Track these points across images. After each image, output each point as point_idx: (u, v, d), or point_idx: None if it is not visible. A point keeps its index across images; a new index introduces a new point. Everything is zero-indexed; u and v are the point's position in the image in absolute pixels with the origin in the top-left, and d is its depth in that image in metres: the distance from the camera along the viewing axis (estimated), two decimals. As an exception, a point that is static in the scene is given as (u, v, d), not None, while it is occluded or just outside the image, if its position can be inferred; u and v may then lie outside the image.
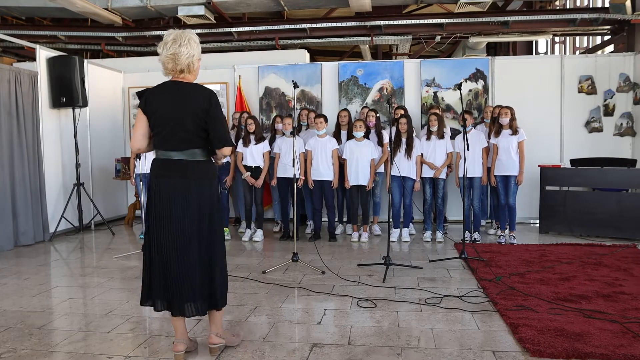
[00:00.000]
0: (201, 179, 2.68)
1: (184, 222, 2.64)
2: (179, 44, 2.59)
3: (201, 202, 2.67)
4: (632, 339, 2.86)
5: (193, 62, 2.65)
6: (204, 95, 2.64)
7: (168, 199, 2.64)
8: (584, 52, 9.93)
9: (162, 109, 2.64)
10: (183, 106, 2.61)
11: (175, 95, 2.64)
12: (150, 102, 2.68)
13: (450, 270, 4.60)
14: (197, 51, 2.66)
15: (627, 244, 5.49)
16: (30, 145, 6.22)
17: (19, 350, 2.91)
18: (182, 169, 2.64)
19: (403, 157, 5.84)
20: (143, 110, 2.70)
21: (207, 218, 2.69)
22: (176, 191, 2.64)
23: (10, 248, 5.83)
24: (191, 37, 2.65)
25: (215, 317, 2.81)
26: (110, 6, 7.66)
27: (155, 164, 2.70)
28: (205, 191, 2.69)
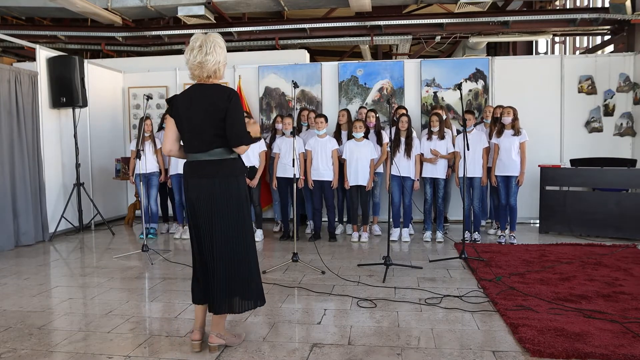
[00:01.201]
0: (227, 177, 2.74)
1: (212, 221, 2.73)
2: (205, 52, 2.65)
3: (228, 201, 2.74)
4: (632, 339, 2.86)
5: (219, 67, 2.73)
6: (224, 94, 2.70)
7: (197, 200, 2.74)
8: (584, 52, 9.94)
9: (186, 112, 2.73)
10: (205, 108, 2.69)
11: (198, 98, 2.71)
12: (176, 107, 2.77)
13: (450, 270, 4.60)
14: (222, 57, 2.73)
15: (627, 244, 5.49)
16: (30, 145, 6.22)
17: (19, 350, 2.91)
18: (207, 169, 2.73)
19: (402, 156, 5.84)
20: (171, 115, 2.80)
21: (234, 216, 2.76)
22: (204, 192, 2.72)
23: (10, 248, 5.83)
24: (217, 42, 2.71)
25: (218, 318, 2.85)
26: (110, 6, 7.66)
27: (185, 166, 2.82)
28: (232, 189, 2.76)
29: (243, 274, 2.81)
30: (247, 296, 2.83)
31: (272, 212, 7.13)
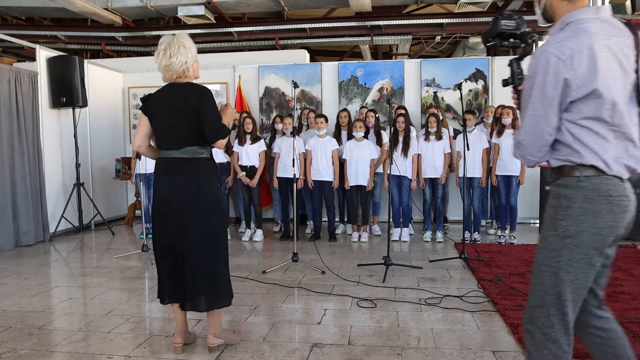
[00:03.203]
0: (200, 176, 2.75)
1: (182, 219, 2.71)
2: (169, 55, 2.68)
3: (199, 199, 2.73)
4: (632, 339, 2.85)
5: (187, 67, 2.74)
6: (196, 93, 2.71)
7: (167, 197, 2.74)
8: (584, 52, 9.92)
9: (159, 110, 2.75)
10: (178, 106, 2.71)
11: (171, 97, 2.74)
12: (149, 105, 2.79)
13: (450, 270, 4.60)
14: (189, 56, 2.72)
15: (627, 244, 5.49)
16: (30, 145, 6.22)
17: (19, 350, 2.91)
18: (180, 166, 2.73)
19: (399, 156, 5.84)
20: (144, 112, 2.81)
21: (205, 215, 2.74)
22: (175, 188, 2.72)
23: (10, 248, 5.83)
24: (181, 43, 2.70)
25: (213, 318, 2.85)
26: (110, 6, 7.66)
27: (157, 163, 2.82)
28: (204, 188, 2.75)
29: (212, 273, 2.78)
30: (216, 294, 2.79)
31: (272, 212, 7.13)
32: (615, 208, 1.62)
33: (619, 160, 1.62)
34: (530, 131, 1.67)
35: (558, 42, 1.62)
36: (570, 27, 1.65)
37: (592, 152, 1.61)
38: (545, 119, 1.64)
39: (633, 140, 1.64)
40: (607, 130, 1.61)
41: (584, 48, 1.58)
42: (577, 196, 1.63)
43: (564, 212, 1.64)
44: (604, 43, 1.60)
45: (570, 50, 1.59)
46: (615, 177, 1.62)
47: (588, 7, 1.67)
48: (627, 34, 1.66)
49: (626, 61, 1.63)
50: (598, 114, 1.60)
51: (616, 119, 1.60)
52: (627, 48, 1.64)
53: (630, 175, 1.66)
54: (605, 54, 1.59)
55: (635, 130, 1.66)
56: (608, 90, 1.58)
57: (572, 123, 1.63)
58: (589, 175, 1.62)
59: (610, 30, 1.64)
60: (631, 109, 1.66)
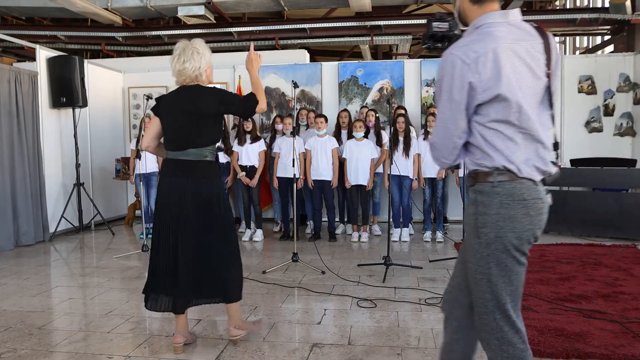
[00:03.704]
0: (205, 178, 2.79)
1: (187, 218, 2.74)
2: (183, 61, 2.78)
3: (200, 201, 2.76)
4: (632, 339, 2.86)
5: (200, 73, 2.82)
6: (211, 96, 2.78)
7: (169, 197, 2.77)
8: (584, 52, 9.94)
9: (170, 112, 2.81)
10: (189, 109, 2.76)
11: (180, 99, 2.80)
12: (161, 106, 2.86)
13: (451, 270, 4.58)
14: (203, 62, 2.81)
15: (627, 244, 5.49)
16: (30, 145, 6.21)
17: (19, 350, 2.91)
18: (187, 167, 2.77)
19: (400, 156, 5.84)
20: (155, 114, 2.87)
21: (211, 215, 2.78)
22: (177, 190, 2.75)
23: (10, 248, 5.83)
24: (195, 49, 2.79)
25: (231, 310, 2.90)
26: (110, 6, 7.66)
27: (164, 163, 2.87)
28: (206, 190, 2.78)
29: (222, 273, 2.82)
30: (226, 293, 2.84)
31: (272, 212, 7.13)
32: (531, 211, 1.64)
33: (529, 162, 1.63)
34: (440, 134, 1.70)
35: (464, 46, 1.63)
36: (478, 30, 1.67)
37: (501, 155, 1.63)
38: (453, 122, 1.66)
39: (542, 142, 1.65)
40: (516, 133, 1.62)
41: (489, 52, 1.59)
42: (493, 202, 1.64)
43: (483, 219, 1.66)
44: (510, 47, 1.61)
45: (475, 53, 1.59)
46: (528, 179, 1.64)
47: (497, 12, 1.68)
48: (537, 37, 1.67)
49: (535, 65, 1.65)
50: (505, 117, 1.61)
51: (523, 122, 1.62)
52: (537, 52, 1.65)
53: (542, 177, 1.68)
54: (510, 57, 1.60)
55: (546, 132, 1.68)
56: (513, 94, 1.59)
57: (482, 126, 1.64)
58: (503, 180, 1.63)
59: (518, 34, 1.65)
60: (543, 112, 1.68)
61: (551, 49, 1.68)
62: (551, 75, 1.68)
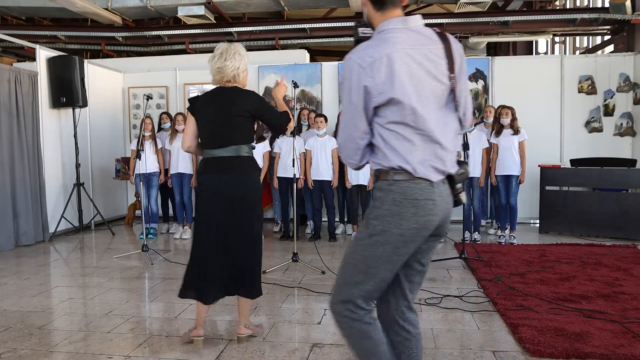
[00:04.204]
0: (245, 174, 2.89)
1: (225, 215, 2.84)
2: (224, 58, 2.86)
3: (244, 197, 2.86)
4: (632, 339, 2.86)
5: (238, 73, 2.92)
6: (251, 98, 2.90)
7: (213, 194, 2.86)
8: (584, 52, 9.94)
9: (208, 112, 2.89)
10: (227, 108, 2.85)
11: (220, 99, 2.89)
12: (198, 106, 2.93)
13: (450, 270, 4.60)
14: (242, 63, 2.92)
15: (627, 244, 5.49)
16: (30, 145, 6.21)
17: (19, 350, 2.91)
18: (226, 164, 2.86)
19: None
20: (192, 113, 2.94)
21: (247, 212, 2.87)
22: (221, 186, 2.85)
23: (10, 248, 5.83)
24: (237, 50, 2.91)
25: (244, 309, 2.96)
26: (110, 6, 7.66)
27: (202, 162, 2.96)
28: (248, 186, 2.89)
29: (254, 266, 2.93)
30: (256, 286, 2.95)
31: (272, 212, 7.13)
32: (420, 211, 1.68)
33: (425, 162, 1.68)
34: (344, 135, 1.77)
35: (361, 51, 1.69)
36: (379, 36, 1.72)
37: (398, 155, 1.68)
38: (354, 124, 1.72)
39: (440, 143, 1.69)
40: (413, 134, 1.67)
41: (383, 56, 1.64)
42: (387, 199, 1.70)
43: (375, 213, 1.73)
44: (406, 52, 1.65)
45: (371, 58, 1.65)
46: (424, 179, 1.68)
47: (397, 18, 1.73)
48: (437, 42, 1.72)
49: (435, 69, 1.69)
50: (401, 118, 1.66)
51: (419, 124, 1.66)
52: (436, 56, 1.70)
53: (442, 177, 1.72)
54: (406, 62, 1.64)
55: (448, 134, 1.72)
56: (406, 97, 1.63)
57: (381, 127, 1.69)
58: (399, 179, 1.69)
59: (417, 39, 1.70)
60: (447, 114, 1.74)
61: (453, 53, 1.73)
62: (455, 79, 1.73)
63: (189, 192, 6.35)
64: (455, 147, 1.78)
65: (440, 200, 1.71)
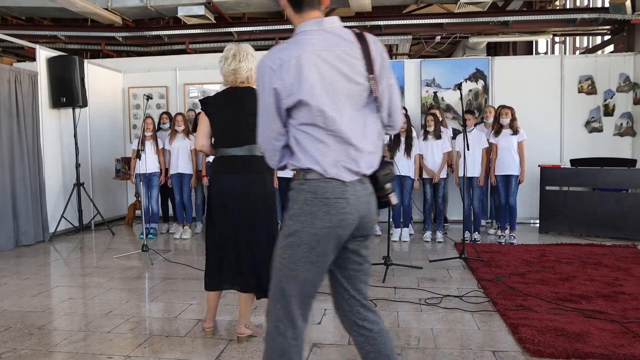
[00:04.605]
0: (260, 173, 2.91)
1: (243, 214, 2.88)
2: (238, 60, 2.91)
3: (258, 195, 2.91)
4: (632, 339, 2.86)
5: (251, 74, 2.95)
6: None
7: (228, 193, 2.90)
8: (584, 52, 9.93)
9: (223, 111, 2.93)
10: (241, 108, 2.90)
11: (234, 100, 2.94)
12: (211, 106, 2.97)
13: (450, 270, 4.60)
14: (254, 64, 2.96)
15: (627, 244, 5.49)
16: (30, 145, 6.22)
17: (19, 350, 2.91)
18: (240, 163, 2.90)
19: (402, 156, 5.84)
20: (206, 113, 2.98)
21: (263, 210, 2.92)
22: (236, 185, 2.89)
23: (10, 248, 5.83)
24: (249, 51, 2.97)
25: (245, 309, 2.99)
26: (110, 6, 7.66)
27: (215, 161, 3.00)
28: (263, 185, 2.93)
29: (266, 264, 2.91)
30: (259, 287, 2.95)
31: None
32: (332, 210, 1.67)
33: (338, 163, 1.67)
34: (261, 137, 1.79)
35: (273, 53, 1.70)
36: (293, 38, 1.73)
37: (309, 156, 1.68)
38: (269, 125, 1.73)
39: (354, 145, 1.68)
40: (326, 135, 1.67)
41: (292, 58, 1.64)
42: (299, 198, 1.71)
43: (289, 213, 1.73)
44: (318, 53, 1.66)
45: (280, 60, 1.66)
46: (335, 180, 1.67)
47: (313, 20, 1.73)
48: (353, 43, 1.71)
49: (350, 70, 1.68)
50: (312, 120, 1.66)
51: (330, 125, 1.66)
52: (352, 57, 1.69)
53: (356, 178, 1.71)
54: (316, 64, 1.64)
55: (363, 134, 1.71)
56: (315, 99, 1.63)
57: (295, 128, 1.70)
58: (310, 178, 1.69)
59: (331, 40, 1.69)
60: (367, 115, 1.73)
61: (371, 53, 1.73)
62: (376, 79, 1.72)
63: (189, 192, 6.35)
64: (378, 148, 1.78)
65: (354, 199, 1.70)
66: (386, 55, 1.80)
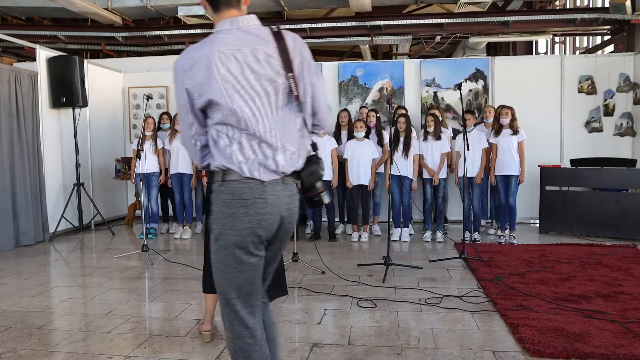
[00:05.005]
0: None
1: None
2: None
3: None
4: (632, 339, 2.86)
5: None
6: None
7: None
8: (584, 52, 9.94)
9: None
10: None
11: None
12: None
13: (450, 270, 4.60)
14: None
15: (627, 244, 5.49)
16: (30, 145, 6.21)
17: (19, 350, 2.91)
18: None
19: (400, 156, 5.84)
20: None
21: None
22: None
23: (10, 248, 5.83)
24: None
25: None
26: (110, 6, 7.66)
27: None
28: None
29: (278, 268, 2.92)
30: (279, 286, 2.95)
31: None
32: (250, 211, 1.67)
33: (255, 162, 1.67)
34: (182, 137, 1.80)
35: (186, 53, 1.69)
36: (208, 37, 1.73)
37: (226, 156, 1.67)
38: (186, 126, 1.74)
39: (270, 144, 1.68)
40: (241, 135, 1.66)
41: (203, 58, 1.64)
42: (219, 200, 1.70)
43: (212, 216, 1.72)
44: (230, 53, 1.65)
45: (192, 60, 1.65)
46: (253, 179, 1.67)
47: (229, 19, 1.71)
48: (270, 42, 1.70)
49: (266, 69, 1.67)
50: (224, 120, 1.66)
51: (243, 125, 1.65)
52: (268, 56, 1.68)
53: (276, 177, 1.70)
54: (228, 63, 1.64)
55: (282, 133, 1.71)
56: (225, 99, 1.63)
57: (212, 128, 1.70)
58: (228, 180, 1.68)
59: (246, 39, 1.68)
60: (287, 114, 1.72)
61: (289, 52, 1.70)
62: (295, 78, 1.70)
63: (189, 192, 6.35)
64: (300, 147, 1.77)
65: (274, 199, 1.69)
66: (307, 54, 1.77)
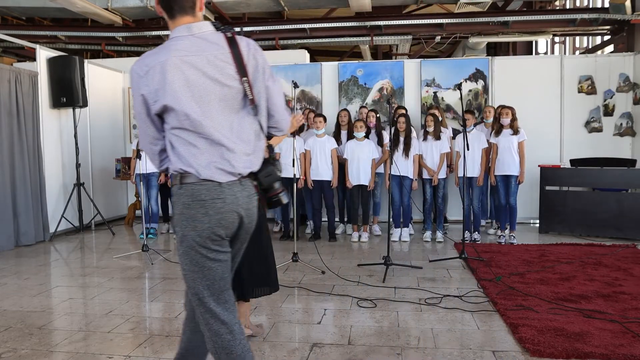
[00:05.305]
0: None
1: None
2: None
3: None
4: (632, 339, 2.87)
5: None
6: None
7: None
8: (584, 52, 9.94)
9: None
10: None
11: None
12: None
13: (450, 270, 4.60)
14: None
15: (627, 244, 5.49)
16: (31, 145, 6.22)
17: (19, 350, 2.92)
18: None
19: (400, 156, 5.84)
20: None
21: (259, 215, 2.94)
22: None
23: (10, 248, 5.83)
24: None
25: (244, 309, 2.95)
26: (110, 6, 7.66)
27: None
28: None
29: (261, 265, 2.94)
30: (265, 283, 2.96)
31: (272, 212, 7.12)
32: (209, 211, 1.71)
33: (211, 165, 1.70)
34: (141, 142, 1.85)
35: (141, 59, 1.73)
36: (163, 44, 1.75)
37: (182, 159, 1.71)
38: (143, 131, 1.79)
39: (225, 146, 1.72)
40: (197, 138, 1.70)
41: (157, 65, 1.67)
42: (179, 203, 1.74)
43: (175, 219, 1.76)
44: (184, 59, 1.68)
45: (147, 66, 1.69)
46: (210, 181, 1.70)
47: (183, 26, 1.75)
48: (223, 47, 1.73)
49: (220, 74, 1.71)
50: (180, 124, 1.70)
51: (198, 128, 1.69)
52: (221, 61, 1.72)
53: (232, 179, 1.74)
54: (181, 69, 1.67)
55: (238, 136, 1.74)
56: (179, 104, 1.67)
57: (169, 133, 1.74)
58: (187, 182, 1.72)
59: (199, 45, 1.72)
60: (243, 117, 1.76)
61: (243, 57, 1.74)
62: (250, 82, 1.74)
63: (189, 192, 6.34)
64: (256, 149, 1.80)
65: (232, 199, 1.73)
66: (262, 58, 1.80)
